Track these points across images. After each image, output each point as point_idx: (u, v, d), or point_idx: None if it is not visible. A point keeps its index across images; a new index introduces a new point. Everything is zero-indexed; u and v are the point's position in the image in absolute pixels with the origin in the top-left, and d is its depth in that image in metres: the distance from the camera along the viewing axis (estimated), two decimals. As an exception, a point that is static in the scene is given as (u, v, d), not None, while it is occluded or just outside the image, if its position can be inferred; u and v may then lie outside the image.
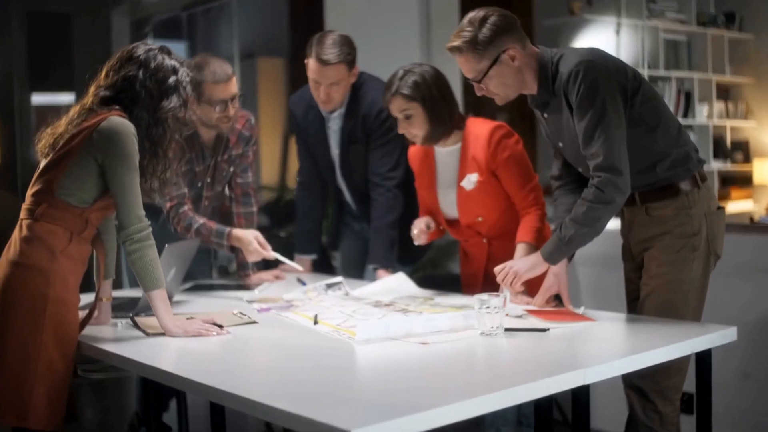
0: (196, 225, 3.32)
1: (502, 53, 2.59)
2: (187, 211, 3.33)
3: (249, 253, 3.31)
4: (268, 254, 3.30)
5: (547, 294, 2.76)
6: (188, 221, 3.32)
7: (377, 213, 3.48)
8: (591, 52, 2.60)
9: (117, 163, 2.43)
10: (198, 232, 3.31)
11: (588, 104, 2.51)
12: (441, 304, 2.91)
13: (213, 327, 2.53)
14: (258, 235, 3.34)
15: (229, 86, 3.23)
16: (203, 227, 3.32)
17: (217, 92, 3.20)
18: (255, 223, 3.58)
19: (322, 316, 2.72)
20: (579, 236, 2.60)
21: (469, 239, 3.24)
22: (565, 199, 2.84)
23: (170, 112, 2.54)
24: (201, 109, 3.19)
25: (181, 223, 3.32)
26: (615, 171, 2.51)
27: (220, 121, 3.26)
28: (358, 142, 3.51)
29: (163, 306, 2.50)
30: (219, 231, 3.33)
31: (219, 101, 3.21)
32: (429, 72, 3.06)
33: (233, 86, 3.25)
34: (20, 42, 6.99)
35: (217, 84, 3.19)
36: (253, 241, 3.29)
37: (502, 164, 3.05)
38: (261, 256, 3.31)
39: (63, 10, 7.25)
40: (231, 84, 3.24)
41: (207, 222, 3.34)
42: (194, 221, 3.32)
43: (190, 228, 3.31)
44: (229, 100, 3.24)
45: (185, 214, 3.32)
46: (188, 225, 3.32)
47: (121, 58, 2.56)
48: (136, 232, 2.45)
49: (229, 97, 3.23)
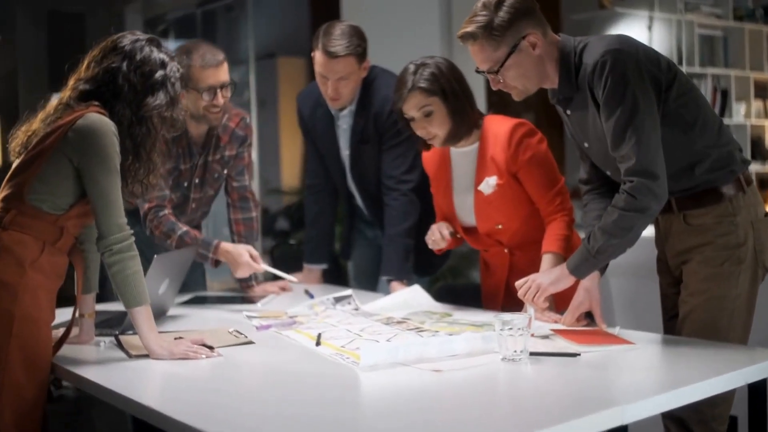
0: (179, 232, 3.08)
1: (522, 40, 2.34)
2: (168, 215, 3.10)
3: (238, 267, 3.07)
4: (259, 268, 3.07)
5: (578, 312, 2.50)
6: (169, 226, 3.08)
7: (391, 219, 3.23)
8: (619, 39, 2.32)
9: (95, 166, 2.20)
10: (181, 240, 3.08)
11: (617, 99, 2.25)
12: (459, 322, 2.65)
13: (202, 349, 2.28)
14: (251, 248, 3.11)
15: (219, 72, 3.01)
16: (187, 235, 3.09)
17: (205, 77, 2.98)
18: (255, 229, 3.34)
19: (327, 335, 2.46)
20: (609, 248, 2.33)
21: (489, 249, 2.97)
22: (595, 204, 2.57)
23: (155, 110, 2.30)
24: (188, 96, 2.97)
25: (160, 228, 3.08)
26: (649, 175, 2.25)
27: (208, 110, 3.03)
28: (369, 142, 3.26)
29: (147, 324, 2.26)
30: (206, 242, 3.10)
31: (207, 87, 2.99)
32: (444, 63, 2.80)
33: (224, 73, 3.02)
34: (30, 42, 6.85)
35: (205, 68, 2.97)
36: (244, 253, 3.05)
37: (523, 166, 2.78)
38: (251, 271, 3.08)
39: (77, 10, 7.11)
40: (221, 70, 3.01)
41: (191, 230, 3.11)
42: (176, 227, 3.09)
43: (171, 234, 3.08)
44: (219, 88, 3.01)
45: (166, 219, 3.09)
46: (169, 231, 3.08)
47: (105, 48, 2.34)
48: (115, 243, 2.21)
49: (218, 84, 3.01)
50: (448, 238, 2.88)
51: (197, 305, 3.10)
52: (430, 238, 2.91)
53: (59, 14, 7.38)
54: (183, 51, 2.99)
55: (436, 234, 2.89)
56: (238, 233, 3.32)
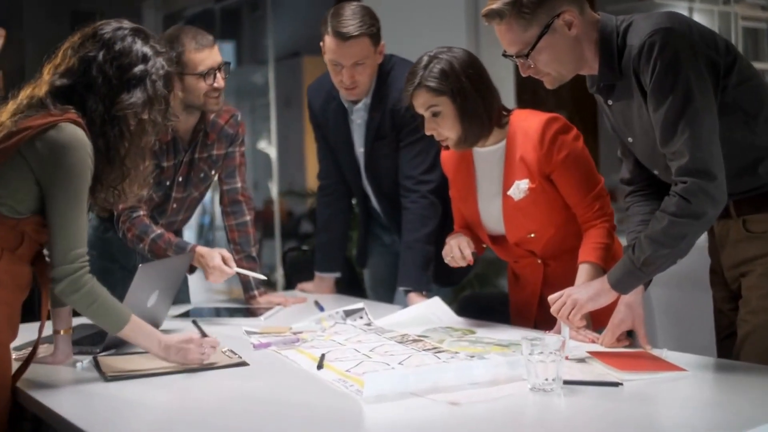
0: (152, 235, 2.83)
1: (556, 18, 2.04)
2: (142, 216, 2.85)
3: (209, 273, 2.79)
4: (230, 272, 2.79)
5: (618, 330, 2.19)
6: (142, 229, 2.83)
7: (409, 224, 2.92)
8: (669, 17, 2.01)
9: (58, 187, 1.95)
10: (153, 244, 2.82)
11: (667, 87, 1.94)
12: (483, 341, 2.34)
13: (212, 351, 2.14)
14: (223, 251, 2.82)
15: (214, 53, 2.79)
16: (161, 238, 2.82)
17: (202, 59, 2.75)
18: (252, 235, 3.07)
19: (332, 355, 2.17)
20: (657, 259, 2.02)
21: (520, 260, 2.66)
22: (640, 208, 2.27)
23: (129, 110, 2.03)
24: (185, 84, 2.74)
25: (132, 231, 2.84)
26: (705, 174, 1.94)
27: (209, 96, 2.79)
28: (386, 139, 2.97)
29: (143, 334, 2.06)
30: (180, 245, 2.83)
31: (207, 69, 2.75)
32: (459, 57, 2.48)
33: (218, 54, 2.81)
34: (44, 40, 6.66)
35: (201, 50, 2.75)
36: (216, 256, 2.77)
37: (558, 166, 2.46)
38: (224, 276, 2.79)
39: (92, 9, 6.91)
40: (215, 51, 2.80)
41: (167, 233, 2.85)
42: (150, 230, 2.84)
43: (144, 237, 2.83)
44: (217, 69, 2.78)
45: (139, 221, 2.84)
46: (141, 233, 2.83)
47: (84, 35, 2.08)
48: (68, 274, 1.96)
49: (216, 65, 2.78)
50: (469, 258, 2.57)
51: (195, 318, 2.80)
52: (448, 255, 2.60)
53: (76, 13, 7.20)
54: (170, 38, 2.75)
55: (456, 251, 2.58)
56: (233, 241, 3.05)
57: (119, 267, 3.01)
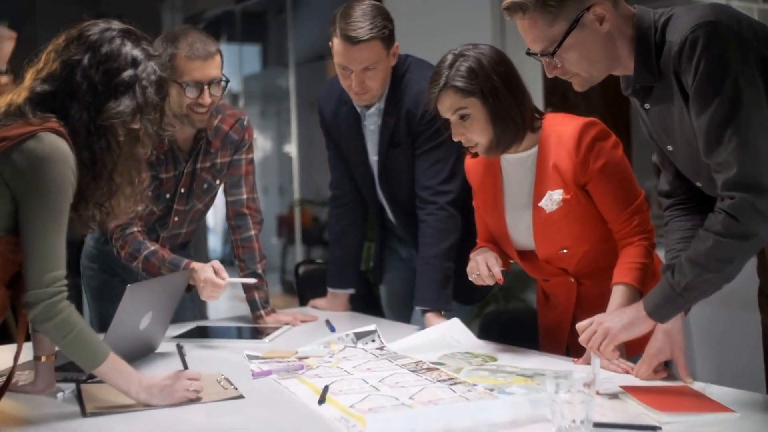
0: (144, 252, 2.64)
1: (586, 11, 1.82)
2: (135, 233, 2.66)
3: (202, 288, 2.57)
4: (221, 284, 2.57)
5: (655, 361, 1.98)
6: (135, 246, 2.65)
7: (427, 239, 2.71)
8: (714, 9, 1.78)
9: (35, 203, 1.77)
10: (146, 262, 2.64)
11: (712, 89, 1.72)
12: (505, 369, 2.13)
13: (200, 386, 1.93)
14: (215, 262, 2.62)
15: (208, 66, 2.56)
16: (153, 256, 2.64)
17: (190, 69, 2.54)
18: (257, 250, 2.86)
19: (336, 387, 1.97)
20: (700, 284, 1.80)
21: (550, 278, 2.43)
22: (680, 223, 2.05)
23: (117, 119, 1.85)
24: (170, 91, 2.53)
25: (126, 248, 2.66)
26: (756, 189, 1.72)
27: (192, 110, 2.58)
28: (401, 146, 2.75)
29: (121, 374, 1.87)
30: (173, 262, 2.63)
31: (192, 82, 2.55)
32: (488, 54, 2.26)
33: (214, 68, 2.58)
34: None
35: (192, 60, 2.53)
36: (207, 269, 2.57)
37: (595, 176, 2.24)
38: (217, 289, 2.57)
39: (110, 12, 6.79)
40: (211, 64, 2.57)
41: (161, 250, 2.66)
42: (143, 247, 2.65)
43: (137, 256, 2.64)
44: (206, 85, 2.57)
45: (133, 238, 2.66)
46: (134, 251, 2.65)
47: (69, 37, 1.90)
48: (42, 299, 1.77)
49: (205, 80, 2.56)
50: (498, 276, 2.35)
51: (196, 339, 2.62)
52: (474, 272, 2.38)
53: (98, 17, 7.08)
54: (169, 38, 2.56)
55: (483, 269, 2.35)
56: (238, 257, 2.85)
57: (120, 281, 2.83)
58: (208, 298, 2.59)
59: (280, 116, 8.85)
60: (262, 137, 9.23)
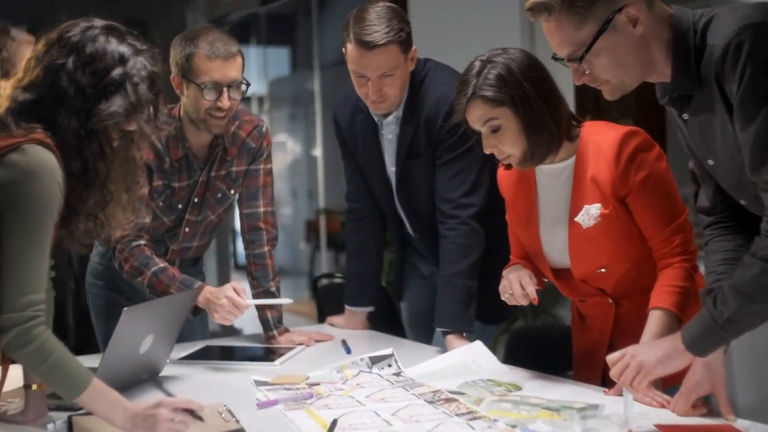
0: (153, 268, 2.51)
1: (617, 13, 1.65)
2: (142, 247, 2.54)
3: (216, 310, 2.44)
4: (245, 303, 2.44)
5: (694, 395, 1.81)
6: (142, 261, 2.53)
7: (448, 255, 2.55)
8: (760, 9, 1.61)
9: (16, 219, 1.64)
10: (154, 279, 2.51)
11: (759, 98, 1.56)
12: (529, 401, 1.96)
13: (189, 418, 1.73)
14: (236, 284, 2.49)
15: (228, 67, 2.45)
16: (163, 273, 2.52)
17: (209, 70, 2.43)
18: (270, 267, 2.72)
19: (346, 420, 1.83)
20: (745, 316, 1.63)
21: (587, 299, 2.26)
22: (721, 244, 1.88)
23: (110, 120, 1.72)
24: (188, 93, 2.45)
25: (130, 262, 2.53)
26: None
27: (210, 114, 2.46)
28: (421, 156, 2.59)
29: (105, 402, 1.72)
30: (185, 282, 2.51)
31: (211, 83, 2.43)
32: (518, 60, 2.10)
33: (235, 70, 2.46)
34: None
35: (212, 60, 2.42)
36: (227, 290, 2.44)
37: (635, 189, 2.07)
38: (235, 311, 2.43)
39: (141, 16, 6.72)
40: (232, 65, 2.46)
41: (171, 268, 2.54)
42: (151, 263, 2.53)
43: (144, 270, 2.52)
44: (226, 87, 2.44)
45: (140, 251, 2.54)
46: (141, 266, 2.53)
47: (49, 41, 1.76)
48: (15, 324, 1.63)
49: (225, 81, 2.44)
50: (533, 296, 2.19)
51: (203, 361, 2.48)
52: (506, 291, 2.21)
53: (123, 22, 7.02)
54: (188, 36, 2.46)
55: (516, 288, 2.18)
56: (251, 273, 2.70)
57: (126, 299, 2.71)
58: (222, 322, 2.45)
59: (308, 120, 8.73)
60: (292, 140, 9.11)
